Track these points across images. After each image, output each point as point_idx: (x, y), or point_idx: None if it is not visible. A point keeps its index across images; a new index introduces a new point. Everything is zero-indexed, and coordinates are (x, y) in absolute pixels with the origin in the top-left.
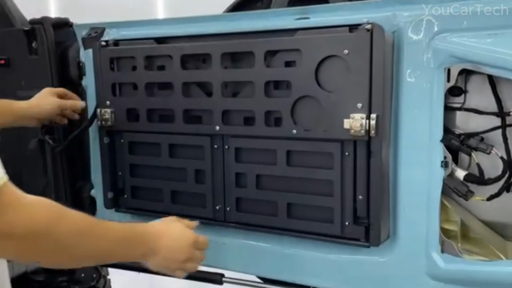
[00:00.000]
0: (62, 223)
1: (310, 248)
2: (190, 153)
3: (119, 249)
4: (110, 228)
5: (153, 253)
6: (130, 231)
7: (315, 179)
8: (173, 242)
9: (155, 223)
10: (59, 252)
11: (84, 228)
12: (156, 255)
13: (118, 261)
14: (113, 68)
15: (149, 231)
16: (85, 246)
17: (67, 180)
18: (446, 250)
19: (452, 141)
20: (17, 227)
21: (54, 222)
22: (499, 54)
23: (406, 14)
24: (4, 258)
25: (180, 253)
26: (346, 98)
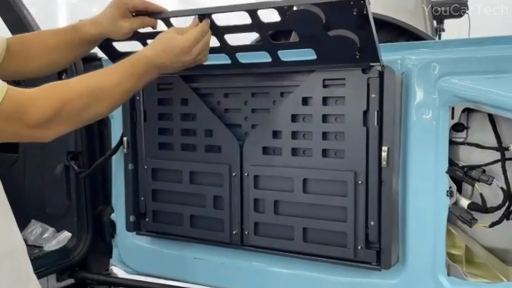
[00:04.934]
0: (71, 91)
1: (325, 271)
2: (209, 180)
3: (131, 84)
4: (112, 74)
5: (161, 67)
6: (130, 67)
7: (329, 206)
8: (168, 46)
9: (145, 50)
10: (85, 105)
11: (91, 87)
12: (164, 66)
13: (135, 91)
14: (139, 101)
15: (145, 56)
16: (102, 96)
17: (89, 204)
18: (452, 274)
19: (457, 172)
20: (38, 114)
21: (63, 95)
22: (497, 95)
23: (414, 57)
24: (54, 137)
25: (180, 48)
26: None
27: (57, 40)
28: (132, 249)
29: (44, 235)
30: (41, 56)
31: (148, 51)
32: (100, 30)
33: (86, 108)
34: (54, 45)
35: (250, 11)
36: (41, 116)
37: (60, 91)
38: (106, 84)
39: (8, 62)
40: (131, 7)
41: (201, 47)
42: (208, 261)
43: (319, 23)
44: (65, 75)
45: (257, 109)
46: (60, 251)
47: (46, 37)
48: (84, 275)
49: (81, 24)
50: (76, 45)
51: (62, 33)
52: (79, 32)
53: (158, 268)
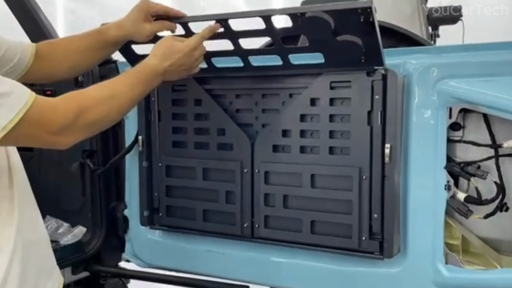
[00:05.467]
0: (87, 100)
1: (331, 261)
2: (222, 176)
3: (139, 91)
4: (122, 83)
5: (164, 73)
6: (137, 76)
7: (336, 199)
8: (169, 52)
9: (148, 59)
10: (100, 113)
11: (104, 96)
12: (167, 73)
13: (143, 96)
14: (154, 101)
15: (149, 65)
16: (114, 104)
17: (103, 201)
18: (449, 262)
19: (454, 168)
20: (59, 121)
21: (81, 103)
22: (491, 97)
23: (415, 62)
24: (71, 144)
25: (179, 56)
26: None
27: (82, 44)
28: (145, 243)
29: (60, 230)
30: (67, 60)
31: (152, 59)
32: (123, 33)
33: (100, 115)
34: (79, 48)
35: (265, 17)
36: (62, 122)
37: (78, 101)
38: (117, 93)
39: (38, 66)
40: (152, 11)
41: (200, 52)
42: (220, 254)
43: (329, 29)
44: (81, 76)
45: (267, 109)
46: (75, 245)
47: (71, 41)
48: (98, 268)
49: (106, 28)
50: (100, 47)
51: (87, 37)
52: (104, 35)
53: (171, 261)
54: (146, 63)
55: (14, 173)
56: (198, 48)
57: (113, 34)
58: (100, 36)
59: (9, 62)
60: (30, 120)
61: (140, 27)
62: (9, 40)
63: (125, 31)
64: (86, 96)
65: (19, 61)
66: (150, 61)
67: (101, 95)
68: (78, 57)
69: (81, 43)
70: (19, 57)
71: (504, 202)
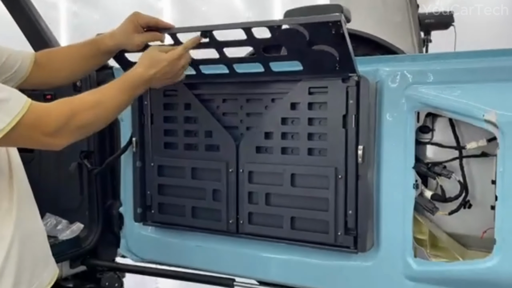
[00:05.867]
0: (78, 105)
1: (309, 255)
2: (209, 175)
3: (126, 97)
4: (110, 90)
5: (150, 81)
6: (124, 83)
7: (313, 197)
8: (155, 62)
9: (135, 68)
10: (90, 117)
11: (94, 101)
12: (152, 80)
13: (129, 103)
14: (147, 105)
15: (136, 73)
16: (102, 108)
17: (100, 199)
18: (418, 255)
19: (422, 168)
20: (53, 123)
21: (72, 107)
22: (454, 102)
23: (387, 69)
24: (64, 145)
25: (164, 65)
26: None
27: (79, 53)
28: (138, 239)
29: (58, 226)
30: (65, 68)
31: (138, 68)
32: (116, 43)
33: (90, 119)
34: (76, 57)
35: (246, 29)
36: (55, 125)
37: (70, 105)
38: (106, 98)
39: (37, 73)
40: (143, 23)
41: (184, 61)
42: (208, 248)
43: (304, 40)
44: (79, 82)
45: (251, 113)
46: (73, 240)
47: (69, 51)
48: (95, 262)
49: (100, 38)
50: (95, 56)
51: (82, 47)
52: (98, 44)
53: (162, 255)
54: (133, 71)
55: (14, 172)
56: (183, 58)
57: (107, 44)
58: (94, 46)
59: (9, 70)
60: (27, 124)
61: (131, 38)
62: (10, 49)
63: (117, 41)
64: (77, 101)
65: (19, 68)
66: (136, 70)
67: (90, 100)
68: (75, 66)
69: (78, 53)
70: (19, 65)
71: (467, 199)
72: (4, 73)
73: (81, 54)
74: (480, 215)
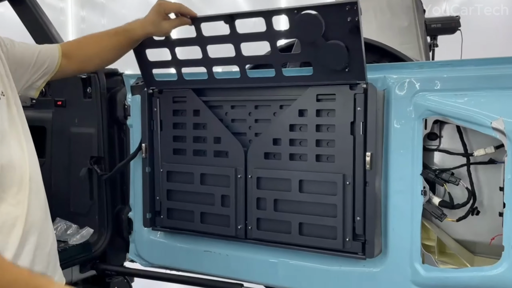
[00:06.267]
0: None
1: (317, 261)
2: (218, 181)
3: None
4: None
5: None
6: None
7: (322, 203)
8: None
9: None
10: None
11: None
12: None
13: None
14: (157, 111)
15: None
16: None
17: (109, 204)
18: (426, 262)
19: (430, 174)
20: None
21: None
22: (461, 110)
23: (395, 76)
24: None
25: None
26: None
27: (111, 42)
28: (147, 244)
29: (68, 231)
30: (96, 57)
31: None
32: (146, 32)
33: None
34: (107, 46)
35: (266, 16)
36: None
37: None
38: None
39: (67, 65)
40: (167, 11)
41: None
42: (216, 254)
43: (319, 29)
44: (90, 88)
45: (260, 119)
46: (83, 245)
47: (100, 40)
48: (104, 267)
49: (131, 28)
50: (127, 44)
51: (114, 36)
52: (130, 34)
53: (171, 260)
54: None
55: (32, 182)
56: None
57: (138, 34)
58: (126, 35)
59: (41, 67)
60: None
61: (160, 26)
62: (38, 46)
63: (148, 31)
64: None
65: (50, 64)
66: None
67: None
68: (106, 54)
69: (110, 42)
70: (49, 61)
71: (475, 206)
72: (37, 71)
73: (112, 43)
74: (488, 221)
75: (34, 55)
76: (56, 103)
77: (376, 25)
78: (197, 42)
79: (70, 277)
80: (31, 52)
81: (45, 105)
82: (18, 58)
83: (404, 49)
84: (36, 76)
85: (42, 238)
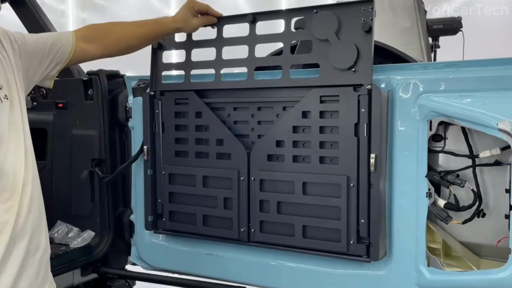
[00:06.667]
0: None
1: (321, 264)
2: (220, 184)
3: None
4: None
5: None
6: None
7: (325, 206)
8: None
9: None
10: None
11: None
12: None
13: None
14: (159, 113)
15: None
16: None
17: (111, 206)
18: (431, 264)
19: (435, 176)
20: None
21: None
22: (466, 111)
23: (399, 77)
24: None
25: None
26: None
27: (141, 31)
28: (149, 247)
29: (70, 234)
30: (122, 42)
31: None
32: (177, 26)
33: None
34: (136, 34)
35: (286, 17)
36: None
37: None
38: None
39: (86, 50)
40: (197, 9)
41: None
42: (219, 257)
43: (334, 27)
44: (91, 90)
45: (263, 121)
46: (84, 248)
47: (127, 27)
48: (106, 270)
49: (163, 21)
50: (156, 36)
51: (144, 25)
52: (162, 26)
53: (173, 263)
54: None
55: (25, 189)
56: None
57: (169, 27)
58: (158, 27)
59: (56, 55)
60: None
61: (190, 22)
62: (52, 34)
63: (179, 25)
64: None
65: (63, 52)
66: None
67: None
68: (134, 41)
69: (139, 30)
70: (63, 49)
71: (480, 208)
72: (51, 61)
73: (142, 32)
74: (494, 224)
75: (47, 46)
76: (57, 105)
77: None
78: (215, 43)
79: (71, 281)
80: (42, 43)
81: (46, 107)
82: (31, 51)
83: (406, 50)
84: (50, 66)
85: (33, 244)
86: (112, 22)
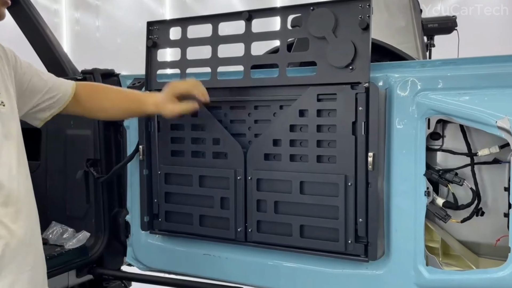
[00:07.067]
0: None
1: (319, 264)
2: (217, 183)
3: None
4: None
5: None
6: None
7: (323, 205)
8: None
9: None
10: None
11: None
12: None
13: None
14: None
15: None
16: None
17: (106, 207)
18: (430, 264)
19: (433, 175)
20: None
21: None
22: (465, 109)
23: (397, 75)
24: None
25: None
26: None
27: (123, 104)
28: (145, 247)
29: (64, 235)
30: (104, 112)
31: None
32: (157, 110)
33: None
34: (119, 106)
35: (282, 14)
36: None
37: None
38: None
39: (74, 106)
40: (177, 94)
41: None
42: (215, 257)
43: (331, 25)
44: None
45: (259, 120)
46: (79, 249)
47: (115, 97)
48: (101, 271)
49: (145, 101)
50: (135, 113)
51: (129, 101)
52: (143, 106)
53: (170, 264)
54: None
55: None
56: None
57: (150, 109)
58: (139, 105)
59: (51, 99)
60: None
61: (167, 108)
62: (53, 78)
63: (158, 109)
64: None
65: (59, 100)
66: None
67: None
68: (115, 112)
69: (122, 104)
70: (59, 96)
71: (479, 207)
72: (45, 101)
73: (125, 106)
74: (493, 222)
75: (46, 87)
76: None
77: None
78: (210, 41)
79: (66, 282)
80: (43, 82)
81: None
82: (26, 83)
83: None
84: (43, 105)
85: (28, 258)
86: (106, 87)
